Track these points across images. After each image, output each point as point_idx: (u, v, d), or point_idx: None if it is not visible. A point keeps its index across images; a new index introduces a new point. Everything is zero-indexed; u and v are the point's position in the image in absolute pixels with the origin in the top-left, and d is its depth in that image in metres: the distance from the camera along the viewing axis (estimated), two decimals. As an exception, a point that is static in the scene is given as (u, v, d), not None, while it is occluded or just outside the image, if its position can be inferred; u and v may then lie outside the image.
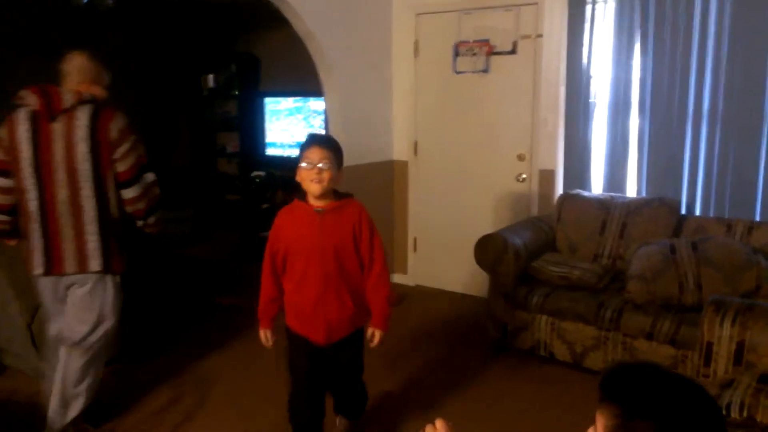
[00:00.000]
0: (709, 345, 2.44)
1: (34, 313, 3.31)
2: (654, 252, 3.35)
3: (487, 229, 3.81)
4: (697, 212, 3.88)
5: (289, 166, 6.12)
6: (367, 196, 4.81)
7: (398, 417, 3.11)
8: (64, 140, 2.57)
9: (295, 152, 6.11)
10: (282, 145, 6.30)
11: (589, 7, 4.08)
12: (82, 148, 2.57)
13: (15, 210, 2.70)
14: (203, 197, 6.83)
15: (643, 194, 4.02)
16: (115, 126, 2.65)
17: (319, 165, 2.35)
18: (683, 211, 3.85)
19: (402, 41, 4.90)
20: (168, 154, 6.79)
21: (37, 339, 3.32)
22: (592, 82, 4.15)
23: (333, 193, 2.47)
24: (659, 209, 3.73)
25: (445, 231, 4.92)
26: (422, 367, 3.67)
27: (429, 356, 3.81)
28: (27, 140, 2.57)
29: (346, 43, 4.53)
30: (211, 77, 6.72)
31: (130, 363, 3.63)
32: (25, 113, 2.59)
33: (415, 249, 5.11)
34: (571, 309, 3.43)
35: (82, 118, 2.59)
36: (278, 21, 4.40)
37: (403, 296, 4.73)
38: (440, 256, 4.98)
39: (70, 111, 2.59)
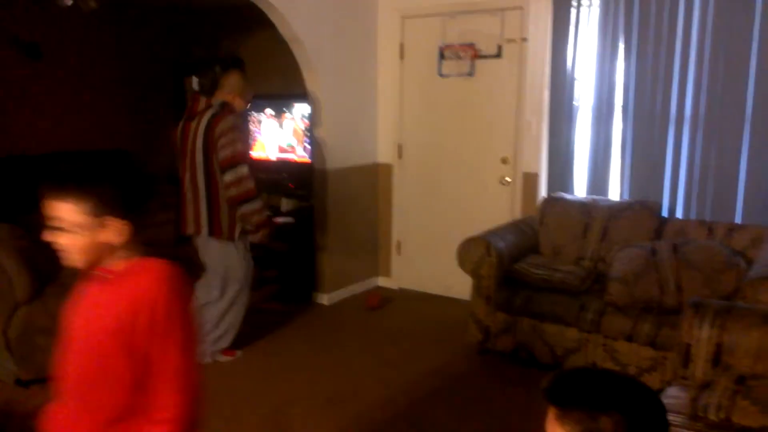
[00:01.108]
0: (688, 347, 2.44)
1: (9, 317, 3.26)
2: (635, 254, 3.36)
3: (471, 232, 3.80)
4: (679, 215, 3.90)
5: (274, 169, 6.11)
6: (351, 199, 4.85)
7: (381, 418, 3.10)
8: (192, 135, 3.46)
9: (283, 157, 6.10)
10: (267, 149, 6.25)
11: (573, 11, 4.10)
12: (198, 143, 3.43)
13: None
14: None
15: (626, 197, 4.04)
16: (221, 126, 3.37)
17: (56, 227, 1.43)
18: (665, 213, 3.87)
19: (387, 45, 4.90)
20: (151, 156, 6.74)
21: (13, 345, 3.26)
22: (576, 85, 4.16)
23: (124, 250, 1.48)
24: (641, 212, 3.74)
25: (428, 234, 4.91)
26: (405, 369, 3.66)
27: (412, 359, 3.79)
28: (180, 135, 3.57)
29: (332, 47, 4.53)
30: (195, 79, 6.68)
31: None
32: (184, 115, 3.56)
33: (399, 252, 5.10)
34: (553, 311, 3.43)
35: (204, 119, 3.42)
36: (262, 23, 4.40)
37: (385, 299, 4.71)
38: (424, 259, 4.97)
39: (201, 113, 3.45)
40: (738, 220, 3.70)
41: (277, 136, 6.14)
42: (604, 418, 1.11)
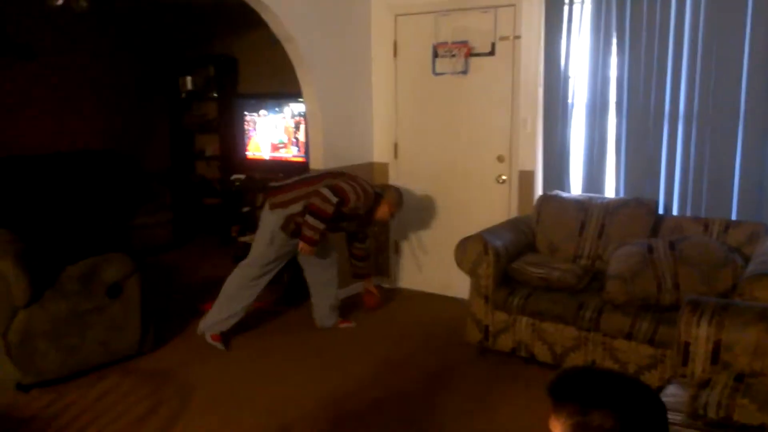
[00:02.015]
0: (687, 345, 2.45)
1: (9, 322, 3.25)
2: (632, 252, 3.37)
3: (468, 230, 3.80)
4: (675, 212, 3.91)
5: (269, 168, 6.10)
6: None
7: (380, 418, 3.10)
8: None
9: (277, 156, 6.09)
10: (262, 149, 6.25)
11: (566, 8, 4.10)
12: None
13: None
14: (182, 201, 6.76)
15: (621, 194, 4.05)
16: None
17: None
18: (661, 210, 3.88)
19: (381, 42, 4.89)
20: (146, 158, 6.72)
21: (13, 349, 3.25)
22: (570, 82, 4.17)
23: None
24: (637, 209, 3.76)
25: (426, 233, 4.92)
26: (404, 369, 3.67)
27: (411, 358, 3.80)
28: None
29: (325, 45, 4.51)
30: (189, 79, 6.65)
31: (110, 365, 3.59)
32: None
33: (396, 252, 5.10)
34: (551, 310, 3.44)
35: None
36: (256, 22, 4.38)
37: (384, 300, 4.71)
38: (421, 259, 4.98)
39: None
40: (733, 216, 3.72)
41: (271, 135, 6.13)
42: (595, 413, 1.17)
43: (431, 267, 4.90)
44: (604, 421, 1.16)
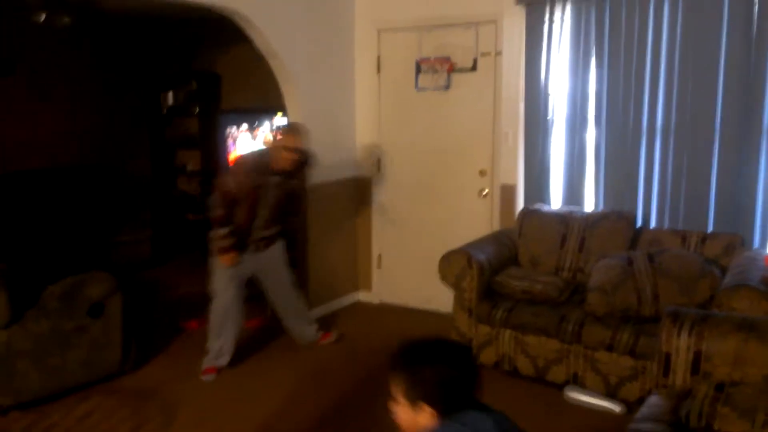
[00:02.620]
0: (668, 355, 2.49)
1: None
2: (612, 265, 3.43)
3: (451, 244, 3.84)
4: (653, 224, 3.98)
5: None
6: (330, 213, 4.85)
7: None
8: None
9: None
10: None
11: (546, 25, 4.17)
12: None
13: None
14: (162, 217, 6.71)
15: (601, 207, 4.11)
16: None
17: None
18: (639, 223, 3.94)
19: (365, 58, 4.93)
20: (127, 173, 6.67)
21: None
22: (550, 98, 4.23)
23: None
24: (617, 222, 3.82)
25: (409, 247, 4.94)
26: (385, 384, 3.66)
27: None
28: None
29: (309, 61, 4.54)
30: (170, 94, 6.64)
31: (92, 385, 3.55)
32: None
33: (379, 266, 5.12)
34: (534, 323, 3.47)
35: None
36: (239, 38, 4.39)
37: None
38: (405, 273, 4.99)
39: None
40: (710, 228, 3.79)
41: (252, 149, 6.12)
42: (423, 368, 1.55)
43: (414, 281, 4.92)
44: (430, 376, 1.52)
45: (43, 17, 4.93)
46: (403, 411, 1.57)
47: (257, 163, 3.70)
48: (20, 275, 3.45)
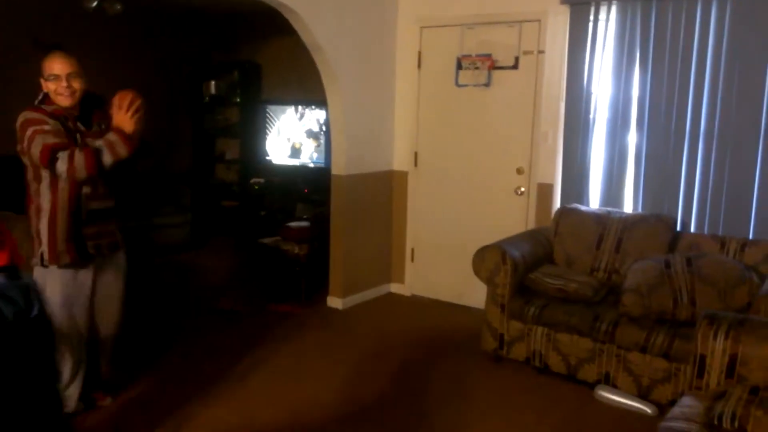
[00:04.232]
0: (703, 358, 2.49)
1: None
2: (649, 267, 3.41)
3: (485, 240, 3.86)
4: (692, 229, 3.95)
5: (289, 174, 6.19)
6: (365, 205, 4.92)
7: (395, 424, 3.15)
8: None
9: (295, 161, 6.17)
10: (282, 154, 6.34)
11: (590, 25, 4.16)
12: None
13: None
14: (201, 203, 6.85)
15: (640, 210, 4.09)
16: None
17: None
18: (678, 227, 3.92)
19: (406, 53, 4.97)
20: (168, 160, 6.82)
21: None
22: (592, 98, 4.22)
23: None
24: (655, 225, 3.79)
25: (442, 242, 4.97)
26: (418, 375, 3.71)
27: (425, 365, 3.84)
28: None
29: (352, 55, 4.61)
30: (213, 84, 6.77)
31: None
32: None
33: (412, 259, 5.16)
34: (567, 321, 3.48)
35: None
36: (281, 29, 4.47)
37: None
38: (438, 267, 5.03)
39: None
40: (751, 235, 3.75)
41: (291, 140, 6.23)
42: None
43: (447, 275, 4.95)
44: None
45: (95, 3, 5.07)
46: None
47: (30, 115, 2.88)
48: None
